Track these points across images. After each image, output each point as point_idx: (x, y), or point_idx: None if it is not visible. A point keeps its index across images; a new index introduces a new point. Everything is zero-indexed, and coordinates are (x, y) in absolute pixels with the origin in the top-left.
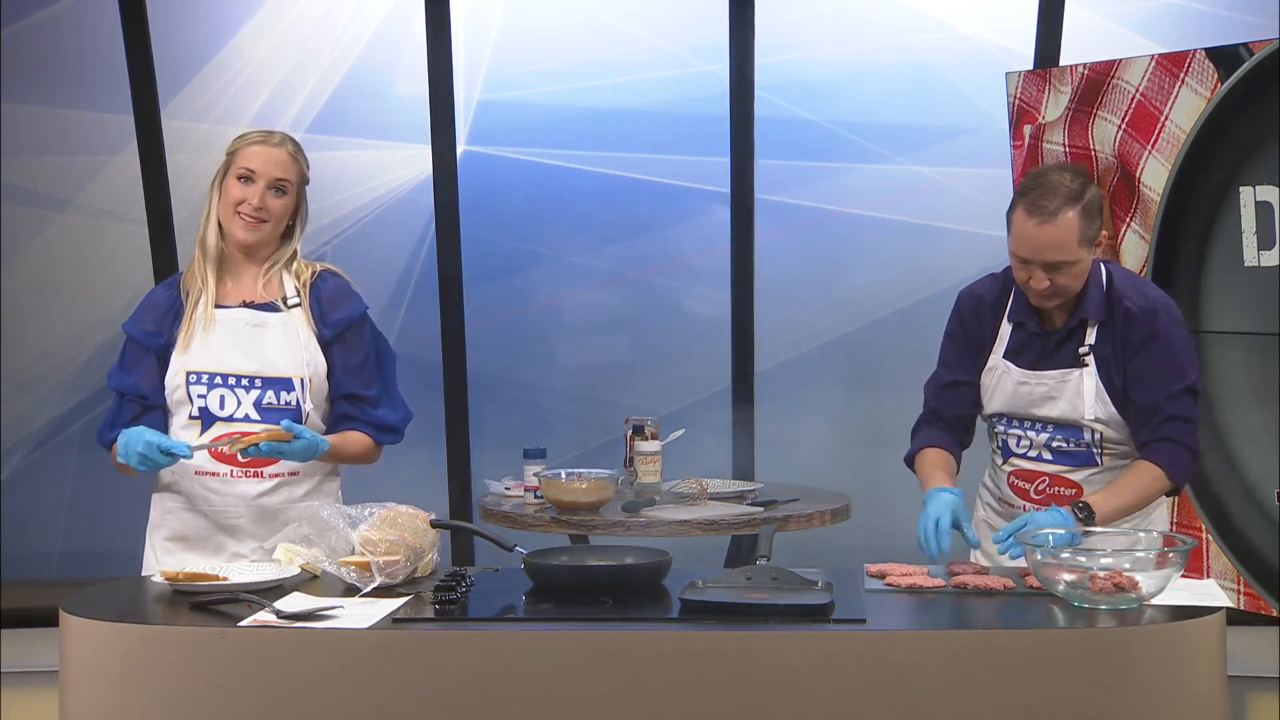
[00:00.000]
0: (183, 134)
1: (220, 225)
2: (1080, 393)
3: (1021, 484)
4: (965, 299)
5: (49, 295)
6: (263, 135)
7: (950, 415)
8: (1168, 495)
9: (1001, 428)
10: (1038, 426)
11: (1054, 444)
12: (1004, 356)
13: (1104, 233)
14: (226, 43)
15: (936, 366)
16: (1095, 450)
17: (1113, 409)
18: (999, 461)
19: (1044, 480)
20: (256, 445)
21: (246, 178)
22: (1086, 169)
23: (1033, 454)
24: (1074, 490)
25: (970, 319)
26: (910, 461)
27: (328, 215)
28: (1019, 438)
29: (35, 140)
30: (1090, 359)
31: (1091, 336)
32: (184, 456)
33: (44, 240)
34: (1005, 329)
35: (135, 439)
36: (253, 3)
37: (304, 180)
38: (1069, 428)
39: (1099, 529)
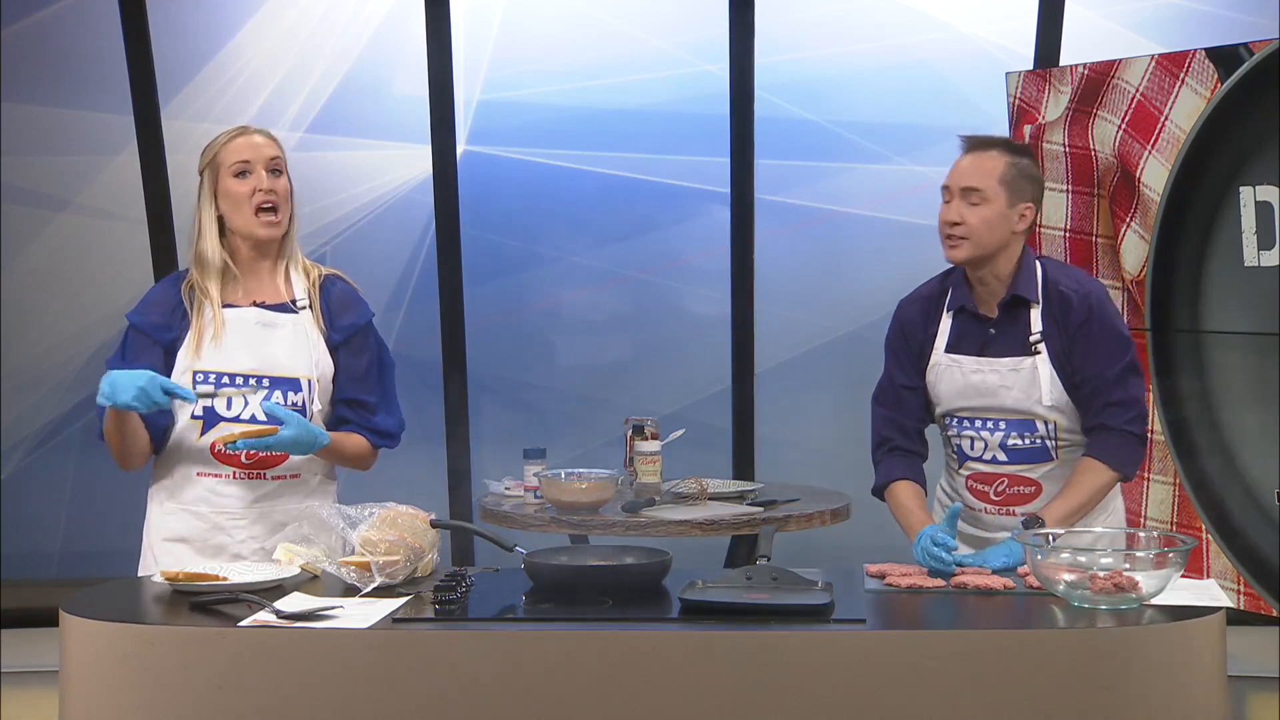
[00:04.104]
0: (183, 134)
1: (222, 234)
2: (1035, 381)
3: (980, 487)
4: (904, 304)
5: (49, 295)
6: (236, 130)
7: (910, 427)
8: (1123, 481)
9: (954, 430)
10: (990, 425)
11: (1009, 442)
12: (946, 351)
13: (1028, 206)
14: (226, 43)
15: (881, 380)
16: (1050, 443)
17: (1066, 396)
18: (955, 466)
19: (1003, 481)
20: (254, 438)
21: (244, 171)
22: (1034, 155)
23: (988, 456)
24: (1033, 488)
25: (912, 321)
26: (879, 493)
27: (328, 215)
28: (972, 439)
29: (35, 140)
30: (1043, 347)
31: (1037, 323)
32: (187, 400)
33: (44, 240)
34: (945, 322)
35: (135, 374)
36: (253, 3)
37: (285, 161)
38: (1023, 422)
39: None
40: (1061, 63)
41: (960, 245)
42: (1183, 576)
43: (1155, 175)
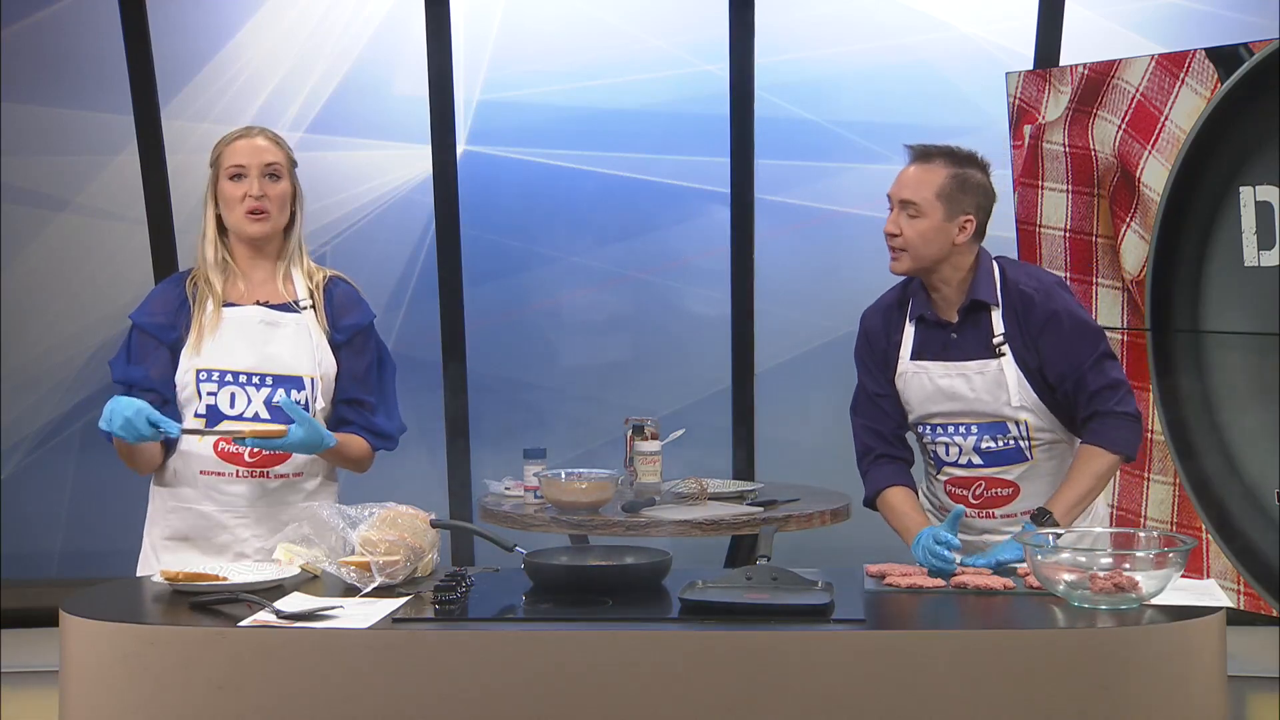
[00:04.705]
0: (183, 134)
1: (221, 232)
2: (1002, 383)
3: (958, 491)
4: (867, 314)
5: (49, 295)
6: (241, 131)
7: (890, 433)
8: (1126, 462)
9: (929, 437)
10: (962, 430)
11: (982, 446)
12: (911, 359)
13: (968, 218)
14: (226, 43)
15: (856, 390)
16: (1024, 444)
17: (1034, 395)
18: (933, 472)
19: (980, 485)
20: (262, 438)
21: (238, 174)
22: (984, 162)
23: (963, 460)
24: (1010, 489)
25: (875, 331)
26: (870, 503)
27: (328, 215)
28: (947, 445)
29: (35, 140)
30: (1007, 348)
31: (999, 325)
32: (170, 435)
33: (44, 240)
34: (908, 331)
35: (126, 404)
36: (253, 3)
37: (292, 163)
38: (994, 425)
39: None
40: (1061, 63)
41: (900, 258)
42: (1183, 576)
43: (1155, 175)
